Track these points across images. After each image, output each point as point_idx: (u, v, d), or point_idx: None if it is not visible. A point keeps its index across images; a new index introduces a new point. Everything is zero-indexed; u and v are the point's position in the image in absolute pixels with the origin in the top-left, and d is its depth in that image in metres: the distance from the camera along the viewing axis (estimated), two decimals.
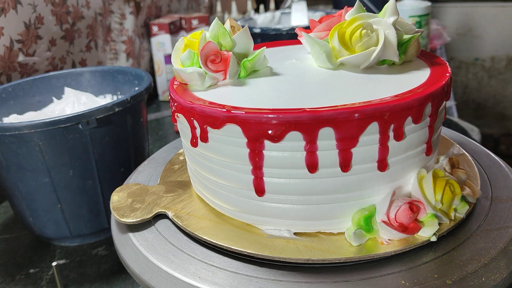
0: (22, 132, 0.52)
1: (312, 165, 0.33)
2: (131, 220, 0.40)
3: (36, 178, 0.56)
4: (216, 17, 0.41)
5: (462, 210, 0.36)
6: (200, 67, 0.40)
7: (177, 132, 0.94)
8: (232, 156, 0.35)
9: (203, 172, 0.39)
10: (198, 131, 0.36)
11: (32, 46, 0.79)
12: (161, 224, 0.40)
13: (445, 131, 0.52)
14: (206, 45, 0.39)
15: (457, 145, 0.46)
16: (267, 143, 0.33)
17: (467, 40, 2.00)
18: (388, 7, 0.41)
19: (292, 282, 0.32)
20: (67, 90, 0.70)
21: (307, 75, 0.41)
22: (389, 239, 0.34)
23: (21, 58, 0.77)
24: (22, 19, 0.76)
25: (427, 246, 0.34)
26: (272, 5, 1.51)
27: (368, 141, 0.33)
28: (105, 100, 0.71)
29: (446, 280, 0.31)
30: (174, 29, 1.10)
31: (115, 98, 0.73)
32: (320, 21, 0.44)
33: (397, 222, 0.34)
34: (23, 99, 0.69)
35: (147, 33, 1.16)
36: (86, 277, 0.56)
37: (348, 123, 0.32)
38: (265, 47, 0.42)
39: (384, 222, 0.34)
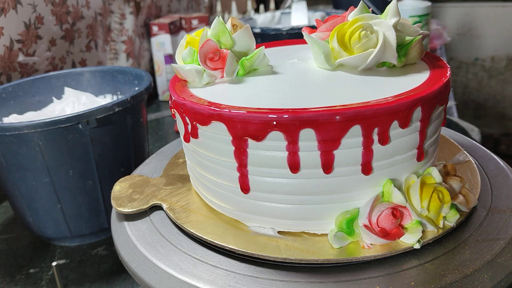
0: (22, 132, 0.52)
1: (294, 165, 0.33)
2: (128, 210, 0.41)
3: (36, 178, 0.56)
4: (219, 16, 0.42)
5: (453, 218, 0.35)
6: (199, 65, 0.40)
7: (177, 132, 0.94)
8: (219, 152, 0.36)
9: (196, 167, 0.40)
10: (189, 127, 0.37)
11: (32, 46, 0.78)
12: (156, 215, 0.42)
13: (445, 131, 0.52)
14: (206, 43, 0.40)
15: (465, 152, 0.45)
16: (250, 141, 0.33)
17: (467, 40, 2.00)
18: (389, 8, 0.40)
19: (268, 280, 0.33)
20: (67, 90, 0.70)
21: (305, 76, 0.41)
22: (371, 244, 0.34)
23: (21, 58, 0.77)
24: (22, 19, 0.76)
25: (412, 253, 0.34)
26: (272, 5, 1.51)
27: (351, 144, 0.33)
28: (105, 100, 0.71)
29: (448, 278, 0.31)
30: (174, 29, 1.10)
31: (115, 98, 0.73)
32: (326, 21, 0.43)
33: (378, 227, 0.33)
34: (23, 99, 0.69)
35: (147, 33, 1.16)
36: (86, 277, 0.56)
37: (329, 125, 0.32)
38: (263, 46, 0.42)
39: (365, 226, 0.34)
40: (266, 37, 0.92)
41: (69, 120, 0.53)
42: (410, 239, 0.34)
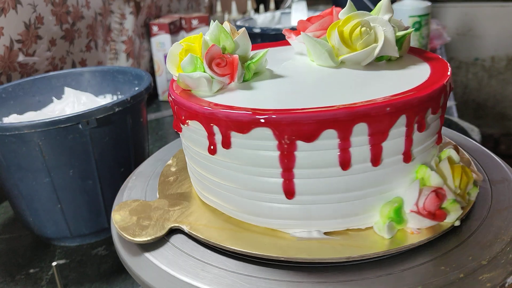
0: (22, 132, 0.52)
1: (345, 163, 0.33)
2: (145, 239, 0.37)
3: (36, 178, 0.56)
4: (216, 20, 0.41)
5: (474, 193, 0.37)
6: (204, 72, 0.38)
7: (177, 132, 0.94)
8: (259, 160, 0.34)
9: (222, 180, 0.38)
10: (218, 137, 0.35)
11: (32, 46, 0.79)
12: (176, 239, 0.39)
13: (445, 131, 0.52)
14: (211, 49, 0.38)
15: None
16: (299, 143, 0.33)
17: (467, 40, 2.00)
18: (382, 4, 0.41)
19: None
20: (67, 90, 0.70)
21: (310, 75, 0.41)
22: (418, 228, 0.35)
23: (21, 58, 0.77)
24: (22, 19, 0.76)
25: (450, 232, 0.35)
26: (272, 5, 1.51)
27: (396, 134, 0.33)
28: (105, 100, 0.71)
29: (481, 261, 0.32)
30: (174, 29, 1.10)
31: (115, 98, 0.73)
32: (309, 21, 0.44)
33: (425, 211, 0.34)
34: (23, 99, 0.69)
35: (147, 33, 1.16)
36: (86, 277, 0.56)
37: (380, 117, 0.32)
38: (268, 48, 0.42)
39: (413, 212, 0.34)
40: (266, 37, 0.92)
41: (69, 120, 0.53)
42: (450, 218, 0.35)
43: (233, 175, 0.36)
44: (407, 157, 0.34)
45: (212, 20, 0.41)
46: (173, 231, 0.39)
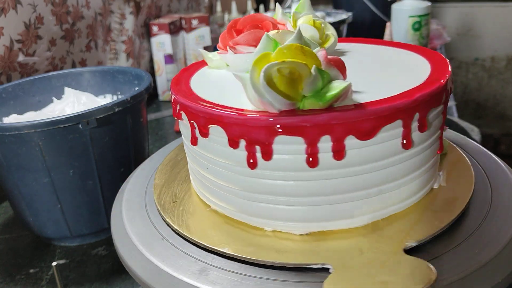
0: (22, 132, 0.52)
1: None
2: None
3: (36, 178, 0.56)
4: (299, 28, 0.37)
5: None
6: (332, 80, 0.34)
7: (177, 132, 0.94)
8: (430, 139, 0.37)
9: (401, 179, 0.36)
10: (414, 125, 0.35)
11: (32, 46, 0.79)
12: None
13: (445, 132, 0.52)
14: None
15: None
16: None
17: (467, 40, 2.00)
18: (305, 3, 0.47)
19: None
20: (67, 90, 0.70)
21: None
22: None
23: (21, 58, 0.77)
24: (22, 19, 0.76)
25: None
26: (272, 5, 1.51)
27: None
28: (105, 100, 0.71)
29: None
30: (174, 29, 1.10)
31: (115, 98, 0.73)
32: (236, 33, 0.45)
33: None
34: (23, 99, 0.69)
35: (147, 33, 1.16)
36: (86, 277, 0.56)
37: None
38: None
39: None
40: None
41: (69, 120, 0.53)
42: None
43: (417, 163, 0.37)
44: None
45: (298, 29, 0.36)
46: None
